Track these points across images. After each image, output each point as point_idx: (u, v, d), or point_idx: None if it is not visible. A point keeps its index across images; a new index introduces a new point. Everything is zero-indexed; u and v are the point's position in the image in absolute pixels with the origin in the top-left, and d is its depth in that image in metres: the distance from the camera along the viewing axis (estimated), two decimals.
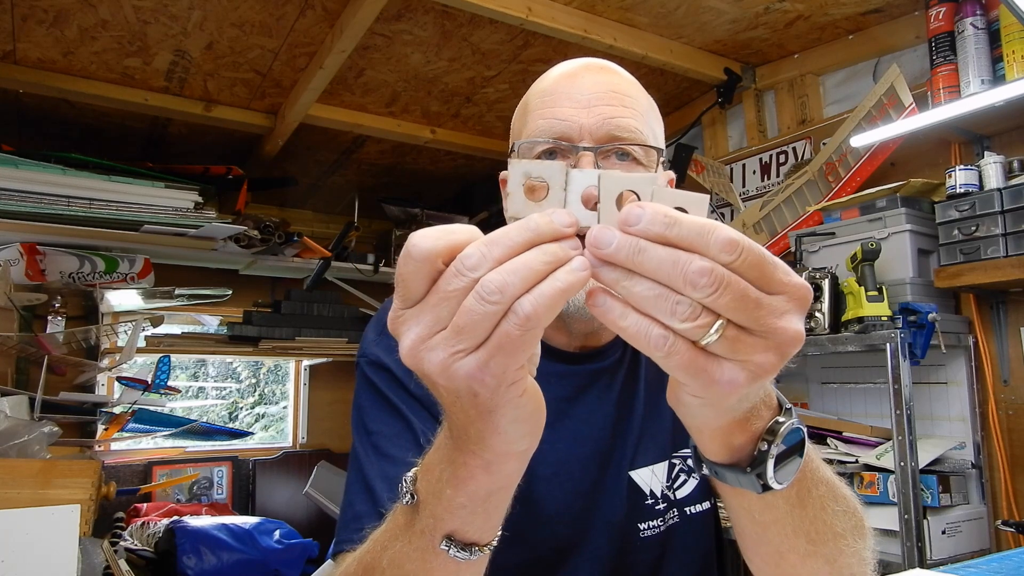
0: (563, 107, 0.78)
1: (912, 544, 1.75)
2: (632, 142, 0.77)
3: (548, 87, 0.82)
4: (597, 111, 0.77)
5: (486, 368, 0.41)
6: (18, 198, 2.31)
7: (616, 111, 0.77)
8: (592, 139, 0.77)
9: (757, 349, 0.42)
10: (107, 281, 2.62)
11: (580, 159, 0.76)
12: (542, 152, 0.79)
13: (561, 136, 0.77)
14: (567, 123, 0.77)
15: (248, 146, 3.00)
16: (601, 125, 0.77)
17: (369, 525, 0.65)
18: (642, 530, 0.84)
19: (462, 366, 0.41)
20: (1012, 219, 1.79)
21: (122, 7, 2.07)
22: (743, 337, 0.42)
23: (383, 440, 0.79)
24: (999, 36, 1.89)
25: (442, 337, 0.42)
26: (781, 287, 0.42)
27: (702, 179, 2.79)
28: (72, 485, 1.64)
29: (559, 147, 0.78)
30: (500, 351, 0.41)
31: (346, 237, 3.24)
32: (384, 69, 2.51)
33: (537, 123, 0.79)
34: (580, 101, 0.78)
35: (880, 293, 1.90)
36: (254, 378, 9.00)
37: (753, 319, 0.41)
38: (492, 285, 0.40)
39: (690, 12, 2.26)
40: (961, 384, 2.02)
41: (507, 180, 0.80)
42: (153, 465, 3.15)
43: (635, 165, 0.78)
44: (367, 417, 0.82)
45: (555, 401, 0.84)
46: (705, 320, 0.41)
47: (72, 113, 2.64)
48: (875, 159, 2.26)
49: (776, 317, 0.42)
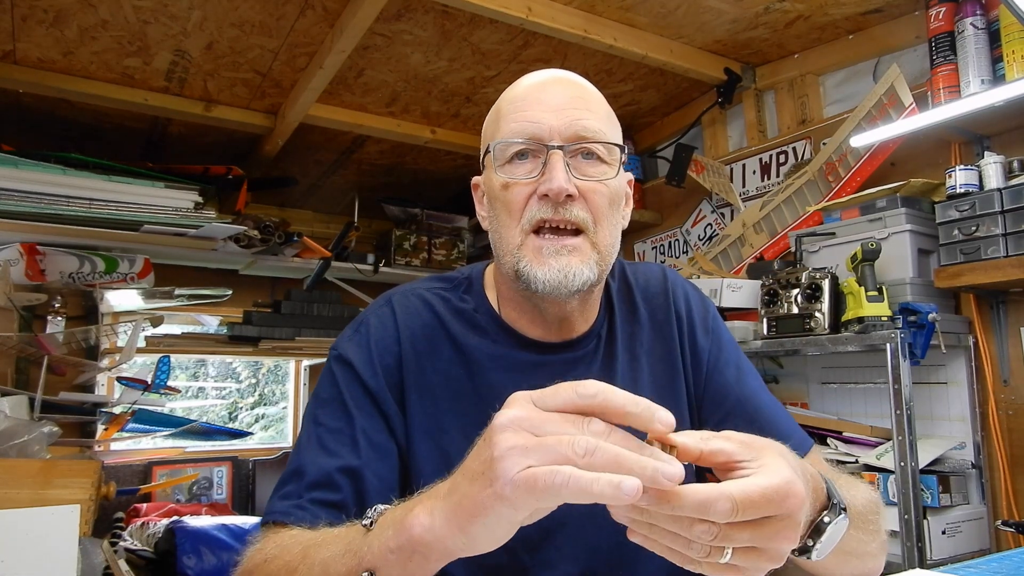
0: (534, 111, 0.85)
1: (912, 544, 1.75)
2: (596, 140, 0.85)
3: (519, 95, 0.89)
4: (565, 114, 0.85)
5: (532, 479, 0.50)
6: (18, 198, 2.31)
7: (582, 114, 0.85)
8: (561, 138, 0.84)
9: (763, 557, 0.54)
10: (107, 281, 2.62)
11: (551, 156, 0.83)
12: (516, 152, 0.85)
13: (533, 136, 0.84)
14: (538, 124, 0.84)
15: (248, 146, 3.00)
16: (569, 126, 0.84)
17: (293, 502, 0.80)
18: None
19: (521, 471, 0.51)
20: (1012, 219, 1.79)
21: (122, 7, 2.07)
22: (750, 551, 0.54)
23: (325, 434, 0.87)
24: (999, 36, 1.89)
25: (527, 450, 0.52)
26: (775, 517, 0.53)
27: (702, 179, 2.79)
28: (72, 485, 1.64)
29: (531, 147, 0.85)
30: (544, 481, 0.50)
31: (346, 237, 3.24)
32: (384, 69, 2.51)
33: (510, 126, 0.86)
34: (550, 106, 0.85)
35: (880, 293, 1.90)
36: (254, 378, 9.00)
37: (754, 545, 0.54)
38: (586, 447, 0.51)
39: (690, 12, 2.26)
40: (961, 384, 2.02)
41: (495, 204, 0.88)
42: (153, 465, 3.15)
43: (599, 163, 0.86)
44: (319, 408, 0.90)
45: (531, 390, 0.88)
46: (716, 551, 0.53)
47: (72, 113, 2.64)
48: (875, 159, 2.26)
49: (769, 539, 0.53)
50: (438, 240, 3.47)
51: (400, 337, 0.92)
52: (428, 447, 0.88)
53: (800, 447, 0.95)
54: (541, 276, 0.83)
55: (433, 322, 0.93)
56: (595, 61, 2.46)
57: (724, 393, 0.97)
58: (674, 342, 0.99)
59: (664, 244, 3.11)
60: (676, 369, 0.97)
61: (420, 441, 0.88)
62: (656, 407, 0.53)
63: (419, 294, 0.97)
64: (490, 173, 0.89)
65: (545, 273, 0.83)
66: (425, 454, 0.88)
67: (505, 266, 0.88)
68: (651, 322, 1.00)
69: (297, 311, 3.09)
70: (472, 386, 0.90)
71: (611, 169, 0.86)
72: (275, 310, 3.10)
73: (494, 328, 0.94)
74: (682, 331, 1.00)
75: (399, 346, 0.91)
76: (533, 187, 0.84)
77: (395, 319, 0.93)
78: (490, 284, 0.98)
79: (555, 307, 0.89)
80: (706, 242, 2.90)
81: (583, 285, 0.84)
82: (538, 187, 0.83)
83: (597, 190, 0.85)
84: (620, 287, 1.01)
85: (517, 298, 0.92)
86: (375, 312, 0.96)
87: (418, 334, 0.92)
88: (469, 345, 0.92)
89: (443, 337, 0.93)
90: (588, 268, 0.84)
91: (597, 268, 0.85)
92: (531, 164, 0.85)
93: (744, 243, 2.65)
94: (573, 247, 0.84)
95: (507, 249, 0.87)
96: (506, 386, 0.90)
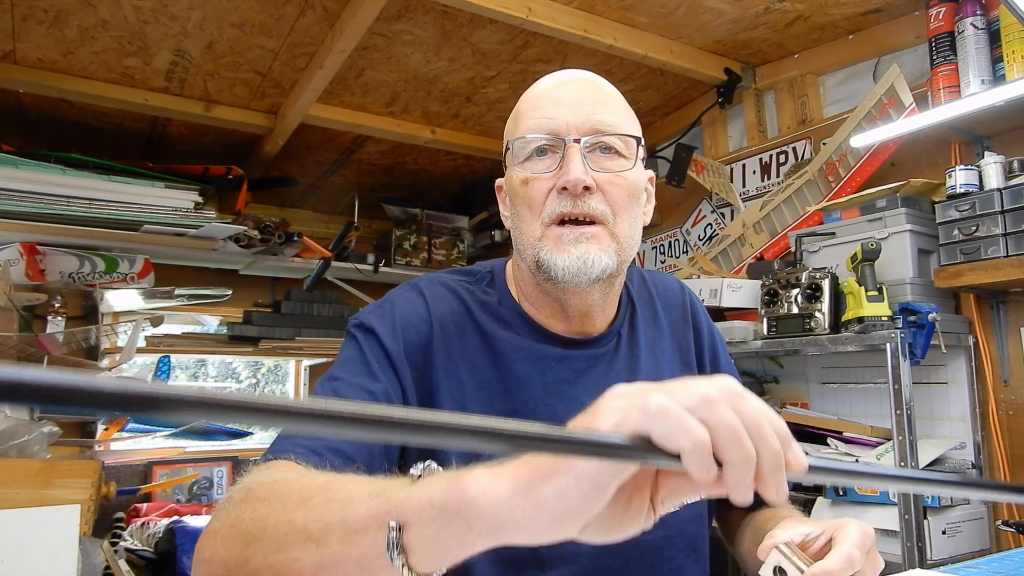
0: (551, 108, 0.87)
1: (912, 544, 1.75)
2: (612, 133, 0.87)
3: (537, 95, 0.91)
4: (582, 109, 0.86)
5: (667, 409, 0.44)
6: (18, 198, 2.31)
7: (598, 108, 0.87)
8: (578, 133, 0.85)
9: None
10: (107, 281, 2.62)
11: (568, 150, 0.84)
12: (534, 149, 0.87)
13: (551, 132, 0.86)
14: (555, 120, 0.86)
15: (248, 146, 3.00)
16: (586, 120, 0.86)
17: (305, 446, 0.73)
18: None
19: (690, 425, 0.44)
20: (1012, 219, 1.78)
21: (122, 7, 2.07)
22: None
23: (342, 386, 0.84)
24: (999, 36, 1.89)
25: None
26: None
27: (702, 179, 2.79)
28: (72, 485, 1.64)
29: (549, 143, 0.87)
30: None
31: (346, 237, 3.24)
32: (384, 69, 2.51)
33: (528, 123, 0.88)
34: (566, 102, 0.87)
35: (880, 293, 1.90)
36: (254, 378, 9.01)
37: None
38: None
39: (690, 12, 2.26)
40: (961, 384, 2.02)
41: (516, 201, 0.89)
42: (153, 465, 3.15)
43: (617, 156, 0.87)
44: (339, 366, 0.88)
45: (556, 383, 0.90)
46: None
47: (72, 113, 2.63)
48: (875, 159, 2.26)
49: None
50: (438, 240, 3.47)
51: (431, 319, 0.91)
52: None
53: None
54: (561, 263, 0.84)
55: (461, 309, 0.93)
56: (595, 61, 2.46)
57: None
58: (690, 355, 1.00)
59: (664, 244, 3.11)
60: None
61: None
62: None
63: (445, 282, 0.96)
64: (510, 171, 0.90)
65: (565, 260, 0.84)
66: None
67: (526, 259, 0.88)
68: (671, 331, 1.01)
69: (297, 311, 3.09)
70: (498, 376, 0.90)
71: (628, 162, 0.87)
72: (275, 310, 3.10)
73: (517, 321, 0.94)
74: (701, 347, 1.02)
75: (429, 327, 0.90)
76: (552, 181, 0.85)
77: (425, 302, 0.93)
78: (511, 279, 0.98)
79: (577, 298, 0.90)
80: (706, 242, 2.90)
81: (602, 272, 0.85)
82: (557, 181, 0.85)
83: (615, 182, 0.86)
84: (641, 292, 1.02)
85: (538, 292, 0.92)
86: (401, 294, 0.94)
87: (447, 319, 0.92)
88: (495, 335, 0.92)
89: (470, 325, 0.92)
90: (607, 256, 0.85)
91: (617, 257, 0.86)
92: (549, 160, 0.87)
93: (744, 243, 2.65)
94: (592, 235, 0.85)
95: (527, 242, 0.88)
96: (530, 377, 0.90)
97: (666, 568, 0.88)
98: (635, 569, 0.87)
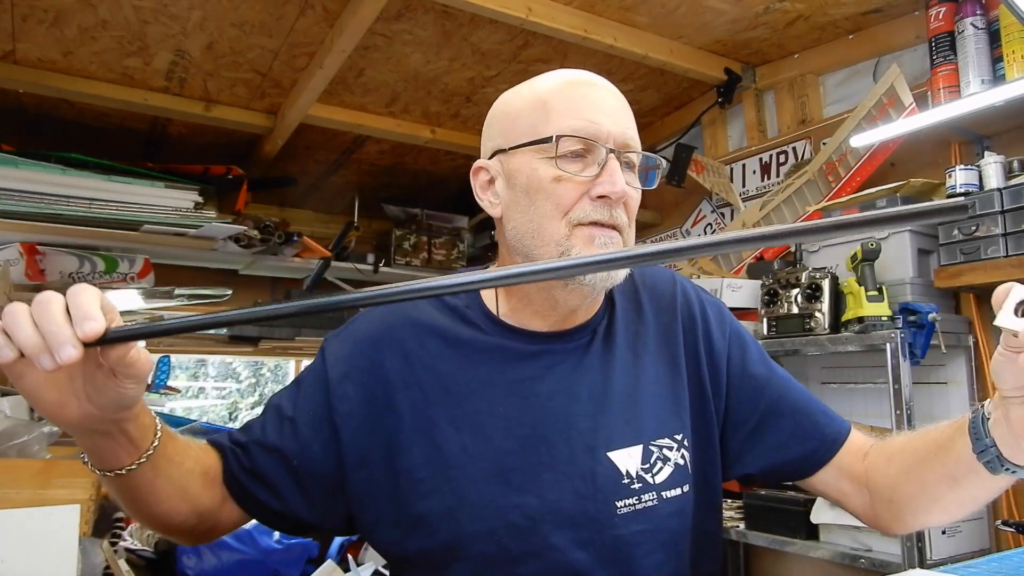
0: (594, 112, 0.88)
1: (912, 544, 1.75)
2: (639, 151, 0.92)
3: (573, 94, 0.90)
4: (619, 120, 0.90)
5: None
6: (18, 198, 2.31)
7: (629, 124, 0.91)
8: (615, 144, 0.88)
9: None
10: (107, 281, 2.62)
11: (609, 160, 0.87)
12: (574, 149, 0.87)
13: (594, 137, 0.87)
14: (599, 127, 0.88)
15: (248, 146, 3.00)
16: (622, 133, 0.89)
17: (227, 444, 0.92)
18: (619, 507, 0.87)
19: None
20: (1012, 219, 1.78)
21: (122, 7, 2.07)
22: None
23: (275, 397, 0.97)
24: (999, 36, 1.89)
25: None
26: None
27: (702, 179, 2.79)
28: (72, 485, 1.64)
29: (590, 147, 0.88)
30: None
31: (346, 237, 3.24)
32: (384, 69, 2.51)
33: (569, 122, 0.88)
34: (605, 110, 0.89)
35: (880, 293, 1.90)
36: (254, 378, 8.99)
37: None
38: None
39: (690, 12, 2.26)
40: (961, 384, 2.02)
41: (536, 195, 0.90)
42: None
43: (631, 172, 0.91)
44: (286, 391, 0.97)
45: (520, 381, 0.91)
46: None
47: (72, 113, 2.64)
48: (875, 159, 2.26)
49: None
50: (438, 240, 3.46)
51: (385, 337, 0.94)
52: (422, 443, 0.89)
53: (840, 432, 1.01)
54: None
55: (421, 319, 0.95)
56: (595, 61, 2.46)
57: (759, 393, 0.99)
58: (678, 347, 0.99)
59: None
60: (679, 373, 0.97)
61: (413, 438, 0.89)
62: None
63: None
64: (531, 161, 0.89)
65: None
66: (419, 450, 0.89)
67: (542, 256, 0.88)
68: (656, 323, 1.00)
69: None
70: (462, 378, 0.91)
71: (637, 179, 0.92)
72: None
73: (485, 321, 0.95)
74: (693, 335, 1.00)
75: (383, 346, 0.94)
76: (587, 186, 0.87)
77: (383, 318, 0.96)
78: None
79: (576, 297, 0.91)
80: None
81: (621, 280, 0.90)
82: (593, 188, 0.86)
83: (633, 197, 0.91)
84: (625, 287, 1.01)
85: (531, 288, 0.92)
86: (364, 315, 1.00)
87: (408, 332, 0.94)
88: (459, 338, 0.93)
89: (430, 332, 0.94)
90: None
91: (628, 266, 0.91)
92: (582, 163, 0.87)
93: None
94: (617, 242, 0.89)
95: (546, 240, 0.87)
96: (492, 376, 0.90)
97: (644, 563, 0.87)
98: (610, 564, 0.86)
